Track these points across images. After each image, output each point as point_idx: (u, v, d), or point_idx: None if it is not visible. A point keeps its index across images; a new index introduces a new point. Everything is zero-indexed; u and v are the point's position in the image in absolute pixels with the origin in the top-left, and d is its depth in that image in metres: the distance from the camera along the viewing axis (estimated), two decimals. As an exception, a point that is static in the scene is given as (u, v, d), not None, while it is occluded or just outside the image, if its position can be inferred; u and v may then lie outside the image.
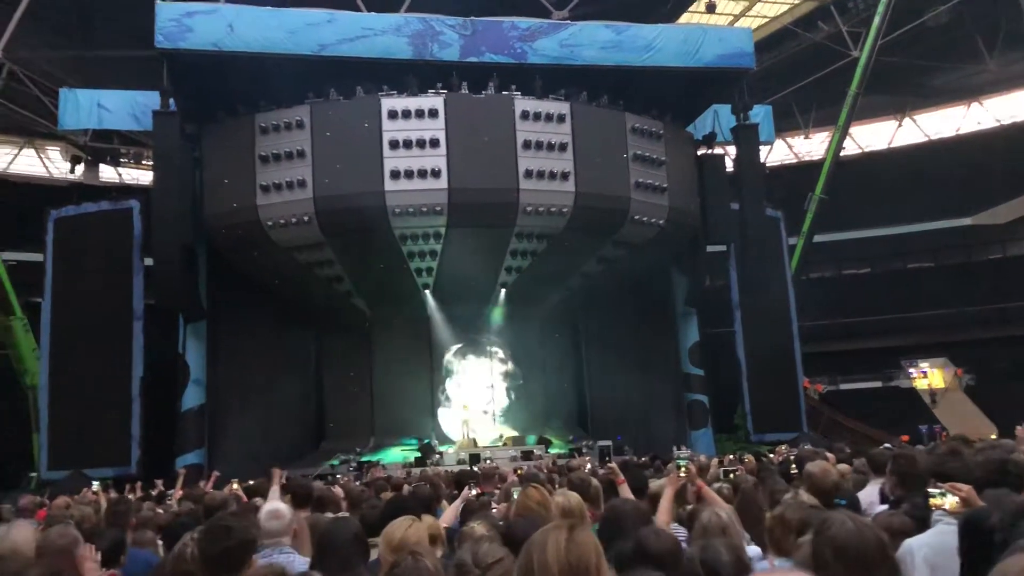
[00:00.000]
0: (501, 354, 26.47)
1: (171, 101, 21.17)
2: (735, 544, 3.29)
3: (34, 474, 22.95)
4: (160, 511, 7.93)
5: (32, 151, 37.64)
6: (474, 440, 24.34)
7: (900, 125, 41.43)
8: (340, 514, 6.09)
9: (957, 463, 4.47)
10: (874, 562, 2.68)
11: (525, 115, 21.27)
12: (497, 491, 7.54)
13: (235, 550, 3.42)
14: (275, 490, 6.94)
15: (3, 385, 25.71)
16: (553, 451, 23.25)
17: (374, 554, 3.80)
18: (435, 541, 3.96)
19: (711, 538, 3.94)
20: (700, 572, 2.89)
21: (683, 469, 5.45)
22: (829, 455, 9.87)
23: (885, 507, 4.88)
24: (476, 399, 25.80)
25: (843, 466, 7.97)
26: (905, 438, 19.41)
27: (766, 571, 2.32)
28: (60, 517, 5.99)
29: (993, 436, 15.32)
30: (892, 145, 41.31)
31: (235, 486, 8.77)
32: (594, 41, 22.50)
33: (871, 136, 41.65)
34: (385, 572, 2.96)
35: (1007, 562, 2.16)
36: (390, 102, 20.84)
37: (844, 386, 35.52)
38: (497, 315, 25.37)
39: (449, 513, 6.11)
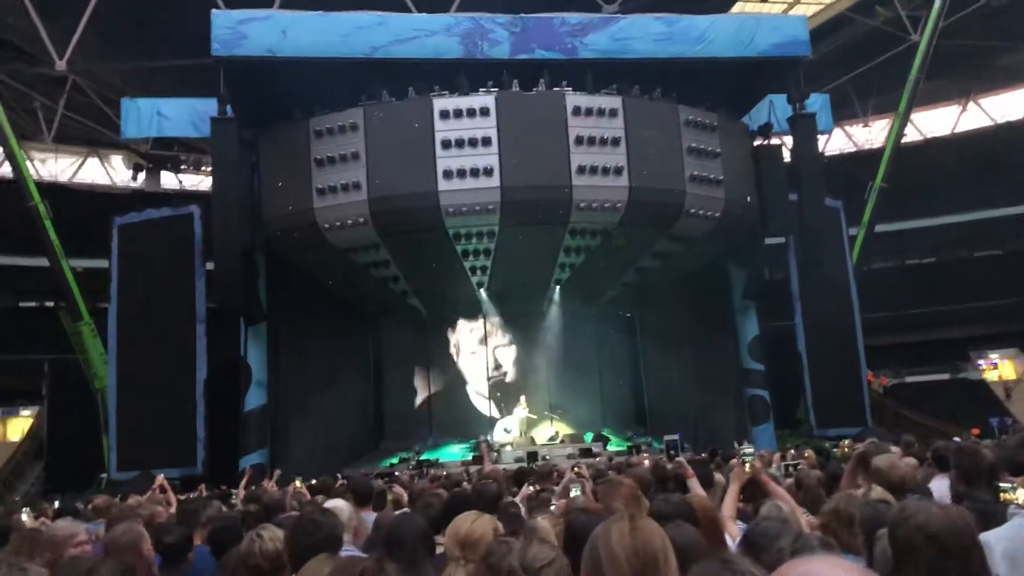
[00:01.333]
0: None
1: (228, 107, 21.52)
2: (825, 538, 3.21)
3: (104, 475, 23.62)
4: (226, 510, 8.07)
5: (96, 160, 38.78)
6: (532, 438, 24.37)
7: (964, 109, 40.30)
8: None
9: None
10: (967, 546, 2.57)
11: (577, 111, 21.15)
12: (556, 488, 7.51)
13: (323, 544, 3.46)
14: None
15: (76, 389, 26.49)
16: (611, 448, 23.14)
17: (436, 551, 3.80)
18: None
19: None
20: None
21: (748, 464, 5.36)
22: (895, 449, 9.63)
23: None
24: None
25: (909, 459, 7.75)
26: (976, 432, 18.86)
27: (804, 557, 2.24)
28: (126, 514, 6.12)
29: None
30: (956, 130, 40.20)
31: (298, 484, 8.89)
32: (646, 34, 22.27)
33: (934, 122, 40.60)
34: (481, 560, 2.94)
35: None
36: (442, 102, 20.91)
37: (910, 379, 34.68)
38: (552, 312, 25.37)
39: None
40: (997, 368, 34.84)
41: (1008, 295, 33.98)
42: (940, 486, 5.63)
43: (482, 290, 23.90)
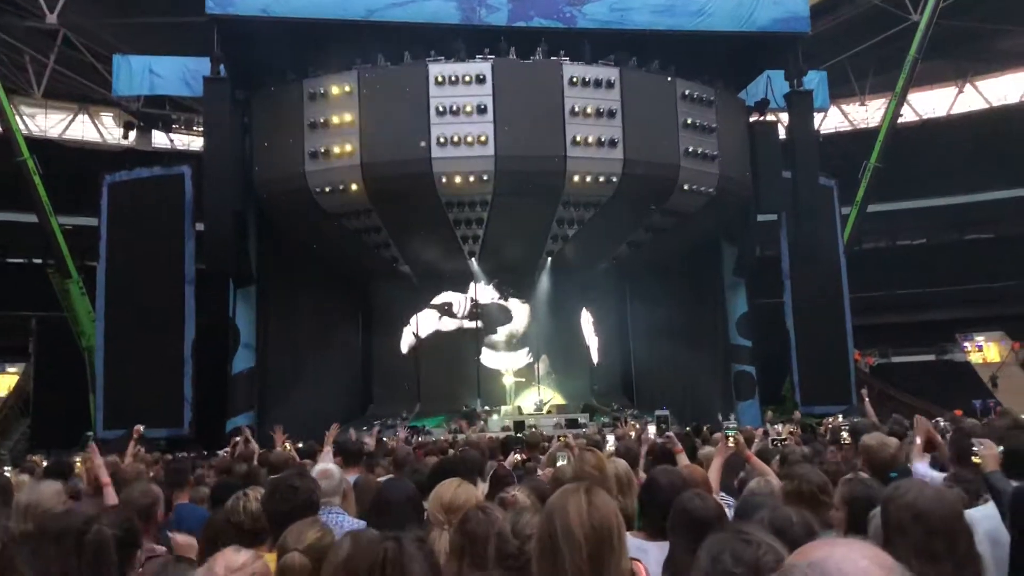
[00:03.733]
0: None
1: (221, 67, 21.31)
2: (801, 512, 3.23)
3: (90, 433, 23.60)
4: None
5: (86, 117, 38.33)
6: (519, 407, 24.47)
7: (961, 91, 40.15)
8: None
9: (1021, 437, 4.33)
10: (954, 527, 2.59)
11: (573, 81, 21.00)
12: (542, 457, 7.55)
13: (300, 509, 3.45)
14: (327, 450, 6.98)
15: (63, 347, 26.38)
16: (598, 420, 23.24)
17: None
18: None
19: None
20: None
21: (731, 439, 5.40)
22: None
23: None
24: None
25: (892, 439, 7.79)
26: (959, 412, 19.00)
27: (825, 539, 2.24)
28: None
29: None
30: (952, 112, 40.09)
31: (288, 446, 8.91)
32: (645, 5, 22.07)
33: (930, 103, 40.43)
34: (456, 526, 2.95)
35: None
36: (437, 68, 20.72)
37: (896, 359, 34.90)
38: (543, 283, 25.36)
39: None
40: (982, 350, 35.10)
41: (997, 278, 34.13)
42: (919, 466, 5.67)
43: (473, 259, 23.83)
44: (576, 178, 20.78)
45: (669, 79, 22.06)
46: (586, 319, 27.93)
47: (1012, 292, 33.90)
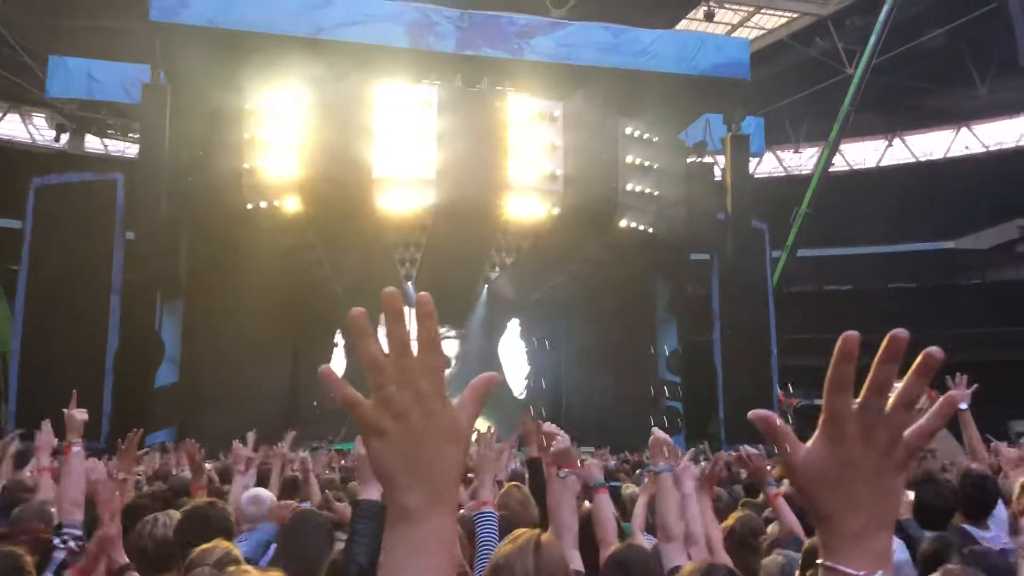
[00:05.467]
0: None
1: (162, 75, 20.96)
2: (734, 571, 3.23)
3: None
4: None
5: (16, 116, 37.20)
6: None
7: (890, 145, 41.68)
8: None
9: (930, 490, 4.36)
10: None
11: (518, 112, 21.22)
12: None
13: (213, 538, 3.35)
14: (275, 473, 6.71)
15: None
16: (525, 451, 23.20)
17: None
18: None
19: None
20: None
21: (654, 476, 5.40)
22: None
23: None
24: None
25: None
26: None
27: None
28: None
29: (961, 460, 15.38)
30: (881, 164, 41.55)
31: (208, 466, 8.66)
32: (591, 42, 22.48)
33: (861, 154, 41.87)
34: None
35: None
36: (383, 90, 20.72)
37: (818, 401, 35.27)
38: (479, 310, 25.35)
39: None
40: (901, 396, 36.18)
41: (918, 327, 34.91)
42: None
43: (409, 283, 23.71)
44: (516, 207, 20.92)
45: (612, 117, 22.42)
46: (519, 349, 27.97)
47: (931, 341, 33.15)
